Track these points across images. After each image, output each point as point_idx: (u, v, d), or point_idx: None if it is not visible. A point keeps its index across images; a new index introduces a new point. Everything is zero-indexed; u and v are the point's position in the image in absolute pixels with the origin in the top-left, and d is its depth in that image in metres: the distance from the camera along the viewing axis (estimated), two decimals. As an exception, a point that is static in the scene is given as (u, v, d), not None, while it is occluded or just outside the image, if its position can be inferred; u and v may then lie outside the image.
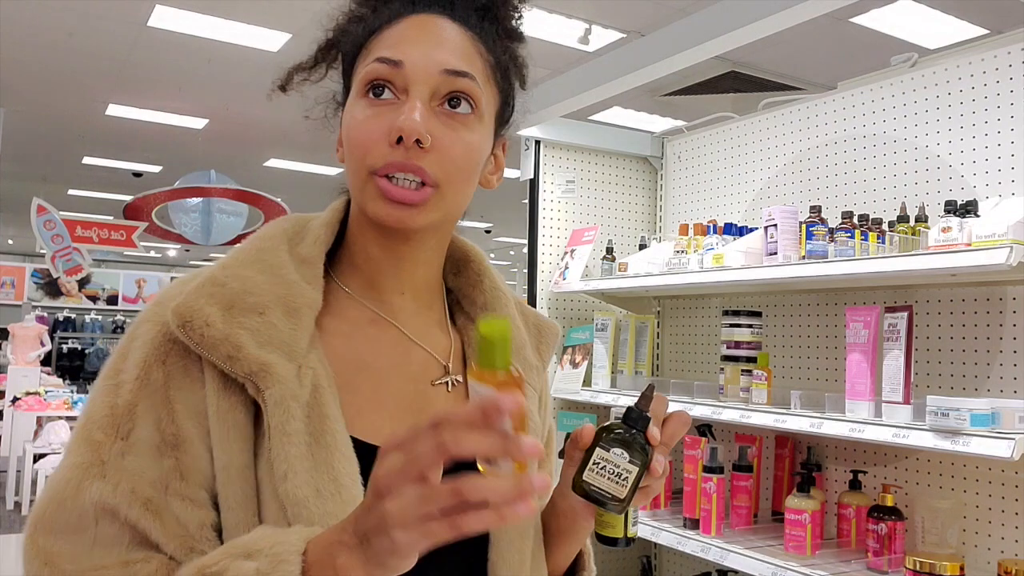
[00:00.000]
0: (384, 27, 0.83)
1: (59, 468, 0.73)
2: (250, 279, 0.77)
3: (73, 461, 0.72)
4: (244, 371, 0.73)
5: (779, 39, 2.03)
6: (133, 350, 0.76)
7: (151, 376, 0.74)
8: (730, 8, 1.97)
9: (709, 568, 2.37)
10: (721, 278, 2.20)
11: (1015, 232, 1.59)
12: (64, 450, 0.75)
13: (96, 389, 0.76)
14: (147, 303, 0.81)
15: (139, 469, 0.72)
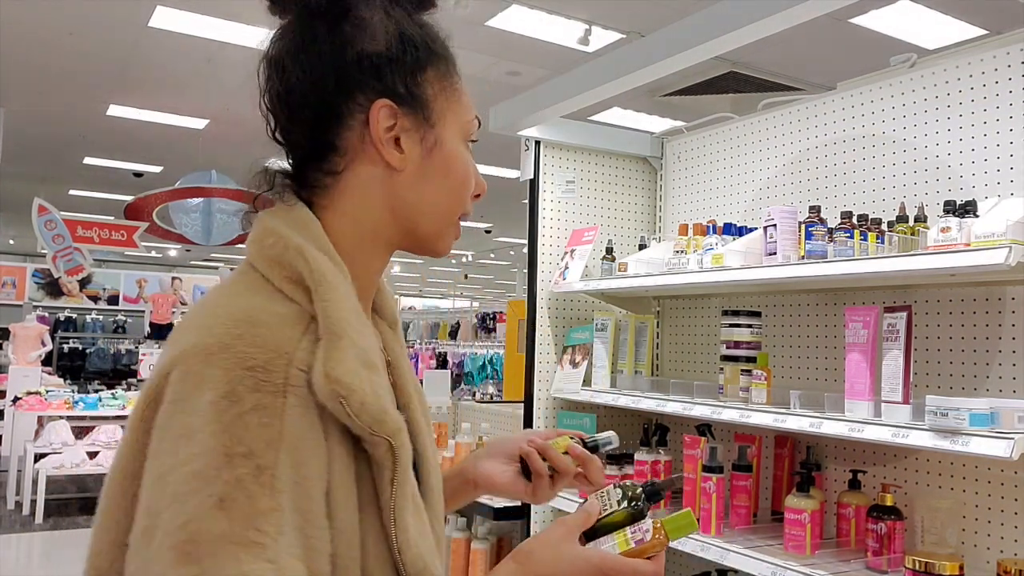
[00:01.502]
0: (458, 77, 0.89)
1: (224, 563, 0.62)
2: (362, 332, 0.74)
3: (239, 567, 0.62)
4: (387, 432, 0.71)
5: (779, 39, 2.03)
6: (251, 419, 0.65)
7: (285, 454, 0.66)
8: (730, 8, 1.97)
9: (708, 567, 2.37)
10: (720, 278, 2.20)
11: (1014, 232, 1.60)
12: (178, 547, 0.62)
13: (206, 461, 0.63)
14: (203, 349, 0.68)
15: (296, 560, 0.66)
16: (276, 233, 0.78)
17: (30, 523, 6.53)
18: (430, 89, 0.84)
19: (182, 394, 0.67)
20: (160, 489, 0.64)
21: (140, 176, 11.00)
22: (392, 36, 0.80)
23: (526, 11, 5.40)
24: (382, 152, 0.81)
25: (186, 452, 0.64)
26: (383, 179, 0.82)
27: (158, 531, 0.63)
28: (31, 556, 5.93)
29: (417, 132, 0.83)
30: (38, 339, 10.25)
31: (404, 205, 0.83)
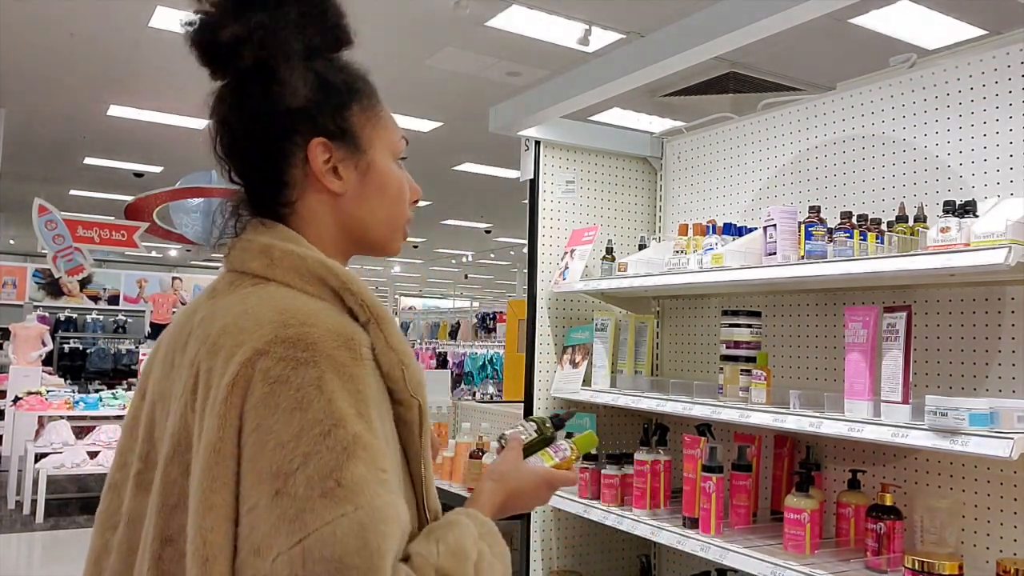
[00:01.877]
0: (378, 100, 1.03)
1: (372, 507, 0.76)
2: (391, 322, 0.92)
3: (383, 499, 0.78)
4: (421, 395, 0.90)
5: (779, 39, 2.03)
6: (358, 385, 0.82)
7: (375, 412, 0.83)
8: (730, 8, 1.97)
9: (708, 567, 2.37)
10: (720, 278, 2.20)
11: (1014, 232, 1.60)
12: (337, 490, 0.75)
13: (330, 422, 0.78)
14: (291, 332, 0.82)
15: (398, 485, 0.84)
16: (282, 248, 0.91)
17: (30, 523, 6.53)
18: (356, 121, 0.98)
19: (281, 375, 0.78)
20: (287, 454, 0.75)
21: (140, 176, 11.00)
22: (314, 86, 0.94)
23: (526, 11, 5.40)
24: (324, 182, 0.95)
25: (306, 419, 0.76)
26: (330, 203, 0.97)
27: (298, 487, 0.74)
28: (31, 556, 5.93)
29: (351, 160, 0.97)
30: (38, 339, 10.25)
31: (352, 221, 0.99)
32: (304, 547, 0.72)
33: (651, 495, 2.44)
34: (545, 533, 2.80)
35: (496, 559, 0.91)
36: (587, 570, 2.89)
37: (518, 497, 1.06)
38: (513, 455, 1.10)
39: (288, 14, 0.93)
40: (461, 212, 13.81)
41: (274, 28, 0.91)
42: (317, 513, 0.73)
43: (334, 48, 1.01)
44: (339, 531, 0.72)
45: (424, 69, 6.57)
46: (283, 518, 0.73)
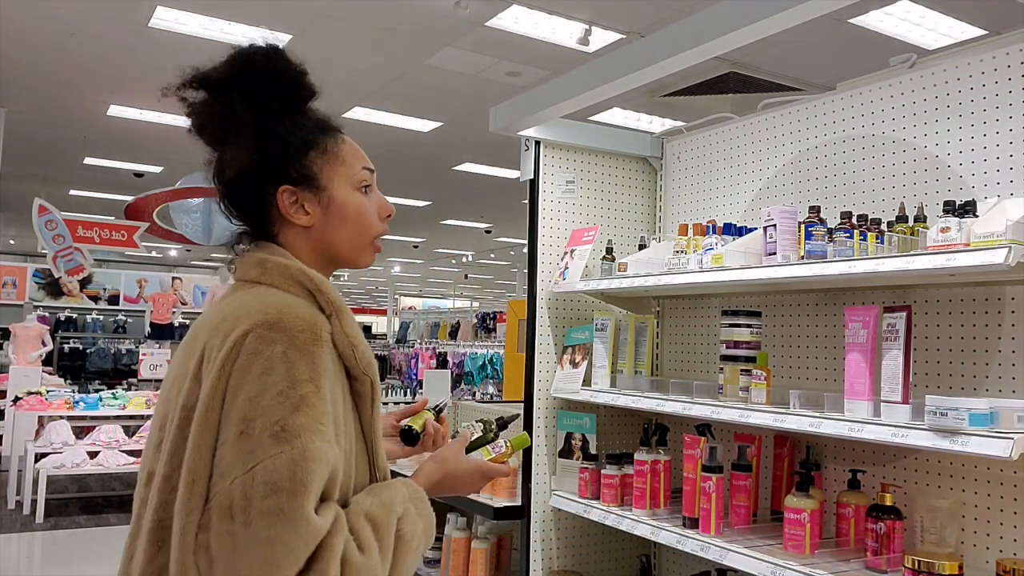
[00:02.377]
0: (340, 140, 1.25)
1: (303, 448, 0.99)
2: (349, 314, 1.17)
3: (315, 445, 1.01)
4: (372, 373, 1.14)
5: (779, 40, 2.03)
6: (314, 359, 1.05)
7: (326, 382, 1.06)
8: (730, 8, 1.97)
9: (708, 567, 2.38)
10: (720, 278, 2.20)
11: (1014, 232, 1.60)
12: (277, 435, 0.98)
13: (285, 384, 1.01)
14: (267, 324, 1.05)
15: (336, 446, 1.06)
16: (273, 260, 1.17)
17: (30, 523, 6.53)
18: (315, 165, 1.21)
19: (257, 349, 1.03)
20: (252, 405, 1.00)
21: (140, 176, 11.00)
22: (274, 146, 1.18)
23: (526, 11, 5.40)
24: (291, 218, 1.21)
25: (269, 381, 1.01)
26: (303, 233, 1.22)
27: (255, 429, 0.98)
28: (31, 556, 5.93)
29: (314, 197, 1.21)
30: (38, 339, 10.25)
31: (322, 244, 1.23)
32: (253, 473, 0.97)
33: (651, 495, 2.44)
34: (545, 533, 2.80)
35: (419, 517, 1.15)
36: (587, 570, 2.89)
37: (454, 479, 1.30)
38: (457, 446, 1.35)
39: (233, 99, 1.18)
40: (461, 212, 13.81)
41: (221, 113, 1.18)
42: (265, 449, 0.98)
43: (299, 105, 1.24)
44: (277, 463, 0.97)
45: (424, 69, 6.57)
46: (242, 451, 0.98)
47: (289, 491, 0.96)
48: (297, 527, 0.96)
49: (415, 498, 1.17)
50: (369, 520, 1.06)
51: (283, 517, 0.95)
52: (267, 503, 0.95)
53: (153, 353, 9.95)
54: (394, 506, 1.11)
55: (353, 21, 5.63)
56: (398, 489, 1.15)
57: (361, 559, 1.02)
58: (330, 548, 0.98)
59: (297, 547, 0.96)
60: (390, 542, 1.08)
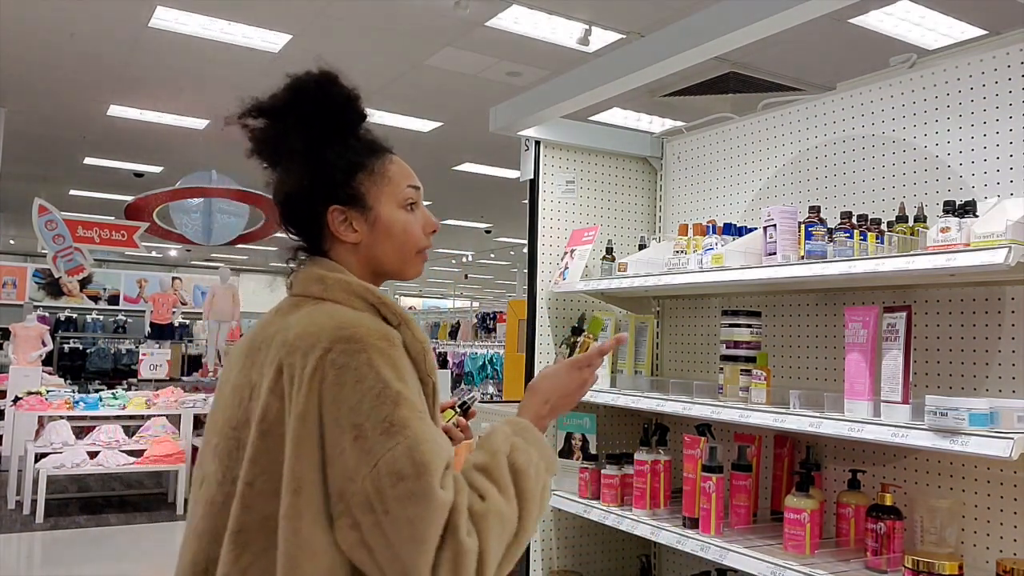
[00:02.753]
0: (388, 161, 1.32)
1: (417, 435, 1.09)
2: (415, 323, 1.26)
3: (425, 430, 1.11)
4: (435, 377, 1.23)
5: (779, 39, 2.03)
6: (397, 362, 1.15)
7: (411, 379, 1.17)
8: (730, 8, 1.97)
9: (708, 567, 2.38)
10: (720, 278, 2.20)
11: (1014, 232, 1.60)
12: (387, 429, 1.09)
13: (382, 386, 1.11)
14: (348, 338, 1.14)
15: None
16: (332, 276, 1.25)
17: (30, 523, 6.53)
18: (363, 186, 1.29)
19: (344, 363, 1.12)
20: (357, 412, 1.09)
21: (140, 176, 11.00)
22: (322, 169, 1.27)
23: (526, 11, 5.40)
24: (340, 236, 1.29)
25: (363, 388, 1.10)
26: (352, 249, 1.30)
27: (367, 432, 1.08)
28: (31, 556, 5.93)
29: (362, 216, 1.29)
30: (38, 339, 10.24)
31: (369, 259, 1.31)
32: (377, 469, 1.07)
33: (651, 495, 2.44)
34: (545, 533, 2.80)
35: (529, 445, 1.23)
36: (587, 570, 2.89)
37: (553, 391, 1.35)
38: (544, 370, 1.40)
39: (287, 125, 1.27)
40: (461, 212, 13.81)
41: (275, 138, 1.28)
42: (381, 446, 1.08)
43: (350, 128, 1.31)
44: (396, 454, 1.07)
45: (424, 69, 6.57)
46: (362, 454, 1.08)
47: (413, 475, 1.06)
48: (429, 503, 1.06)
49: (519, 431, 1.26)
50: (480, 470, 1.18)
51: (414, 498, 1.06)
52: (397, 490, 1.06)
53: (153, 353, 9.94)
54: (498, 447, 1.21)
55: (353, 21, 5.62)
56: (499, 431, 1.26)
57: (483, 505, 1.13)
58: (457, 507, 1.09)
59: (434, 519, 1.07)
60: (507, 478, 1.18)
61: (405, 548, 1.06)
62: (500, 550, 1.14)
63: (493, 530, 1.12)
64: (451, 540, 1.07)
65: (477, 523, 1.11)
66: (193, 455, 7.53)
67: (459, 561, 1.07)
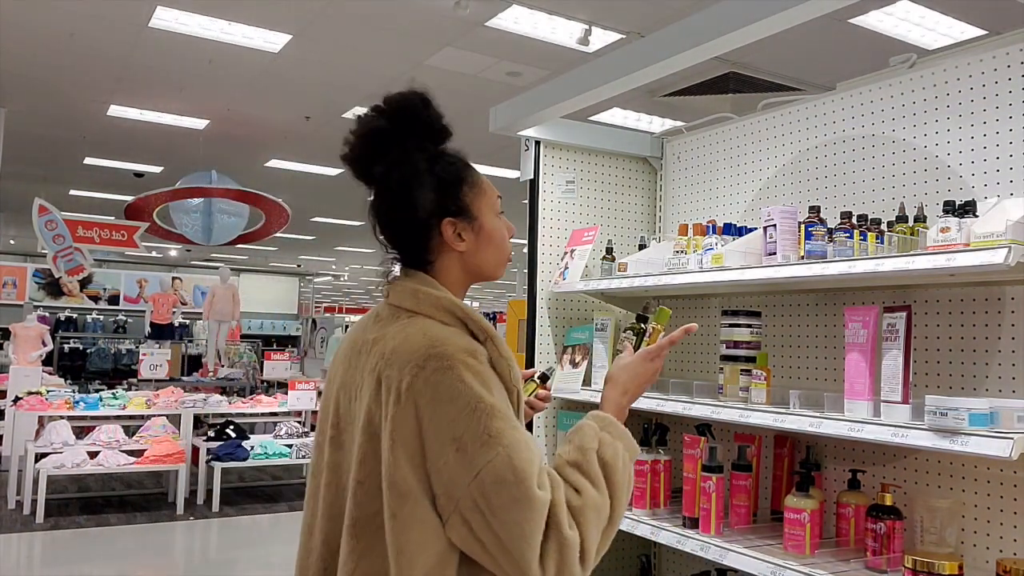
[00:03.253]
0: (476, 172, 1.42)
1: (511, 445, 1.19)
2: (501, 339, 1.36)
3: (517, 439, 1.21)
4: (519, 386, 1.32)
5: (779, 40, 2.03)
6: (484, 376, 1.25)
7: (497, 390, 1.26)
8: (730, 8, 1.97)
9: (708, 567, 2.37)
10: (720, 278, 2.20)
11: (1014, 232, 1.60)
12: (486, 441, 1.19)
13: (473, 400, 1.21)
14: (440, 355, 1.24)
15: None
16: (424, 291, 1.34)
17: (30, 523, 6.53)
18: (467, 198, 1.38)
19: (438, 380, 1.21)
20: (455, 427, 1.19)
21: (140, 176, 11.00)
22: (438, 186, 1.36)
23: (526, 11, 5.40)
24: (453, 246, 1.38)
25: (459, 404, 1.20)
26: (458, 257, 1.39)
27: (467, 445, 1.18)
28: (31, 556, 5.94)
29: (469, 226, 1.38)
30: (39, 339, 10.25)
31: (473, 265, 1.41)
32: (480, 478, 1.17)
33: (651, 495, 2.44)
34: (545, 533, 2.80)
35: (616, 439, 1.33)
36: (587, 570, 2.89)
37: (631, 382, 1.44)
38: (619, 362, 1.47)
39: (410, 144, 1.35)
40: (461, 212, 13.79)
41: (405, 160, 1.35)
42: (482, 456, 1.18)
43: (441, 143, 1.40)
44: (496, 463, 1.17)
45: (424, 69, 6.57)
46: (464, 464, 1.18)
47: (514, 482, 1.17)
48: (532, 505, 1.18)
49: (605, 426, 1.35)
50: (573, 466, 1.28)
51: (518, 503, 1.17)
52: (502, 497, 1.17)
53: (153, 353, 9.94)
54: (587, 444, 1.31)
55: (353, 21, 5.63)
56: (587, 427, 1.35)
57: (580, 500, 1.25)
58: (557, 504, 1.21)
59: (537, 519, 1.18)
60: (598, 472, 1.29)
61: (514, 544, 1.18)
62: (598, 537, 1.29)
63: (591, 521, 1.26)
64: (555, 534, 1.20)
65: (576, 516, 1.24)
66: (193, 455, 7.54)
67: (564, 552, 1.21)
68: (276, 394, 9.50)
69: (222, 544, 6.69)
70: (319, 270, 23.97)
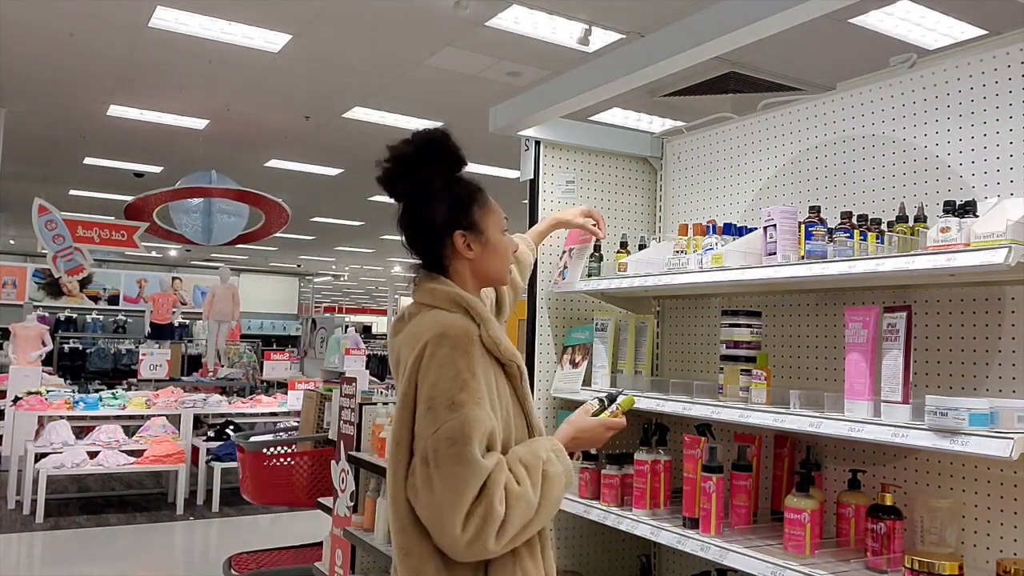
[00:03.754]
0: (487, 196, 1.71)
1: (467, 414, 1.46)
2: (493, 319, 1.64)
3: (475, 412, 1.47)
4: (516, 360, 1.62)
5: (779, 39, 2.03)
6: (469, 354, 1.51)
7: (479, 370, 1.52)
8: (730, 8, 1.97)
9: (708, 567, 2.37)
10: (720, 278, 2.20)
11: (1014, 232, 1.60)
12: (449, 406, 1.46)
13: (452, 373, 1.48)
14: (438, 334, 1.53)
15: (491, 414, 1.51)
16: (440, 289, 1.63)
17: (30, 523, 6.53)
18: (477, 215, 1.67)
19: (433, 352, 1.50)
20: (433, 389, 1.48)
21: (140, 176, 11.00)
22: (453, 203, 1.65)
23: (526, 11, 5.40)
24: (463, 255, 1.67)
25: (443, 372, 1.48)
26: (467, 263, 1.68)
27: (437, 405, 1.46)
28: (31, 556, 5.93)
29: (477, 238, 1.67)
30: (38, 339, 10.24)
31: (479, 271, 1.70)
32: (438, 433, 1.44)
33: (651, 495, 2.44)
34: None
35: (559, 461, 1.59)
36: (587, 570, 2.89)
37: (584, 431, 1.75)
38: (581, 411, 1.79)
39: (431, 168, 1.64)
40: (461, 212, 13.78)
41: (426, 180, 1.64)
42: (443, 416, 1.45)
43: (458, 170, 1.68)
44: (452, 424, 1.44)
45: (424, 69, 6.57)
46: (430, 420, 1.46)
47: (461, 442, 1.42)
48: (470, 464, 1.42)
49: (555, 449, 1.61)
50: (522, 463, 1.52)
51: (460, 458, 1.42)
52: (450, 451, 1.42)
53: (153, 353, 9.94)
54: (539, 453, 1.56)
55: (353, 21, 5.62)
56: (543, 441, 1.61)
57: (519, 489, 1.48)
58: (495, 481, 1.44)
59: (472, 478, 1.42)
60: (538, 478, 1.52)
61: (447, 496, 1.41)
62: (518, 527, 1.48)
63: (519, 510, 1.47)
64: (486, 501, 1.42)
65: (509, 499, 1.45)
66: (193, 455, 7.54)
67: (487, 520, 1.42)
68: (276, 394, 9.50)
69: (222, 544, 6.68)
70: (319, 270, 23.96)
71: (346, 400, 3.68)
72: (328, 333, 14.35)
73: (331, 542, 3.69)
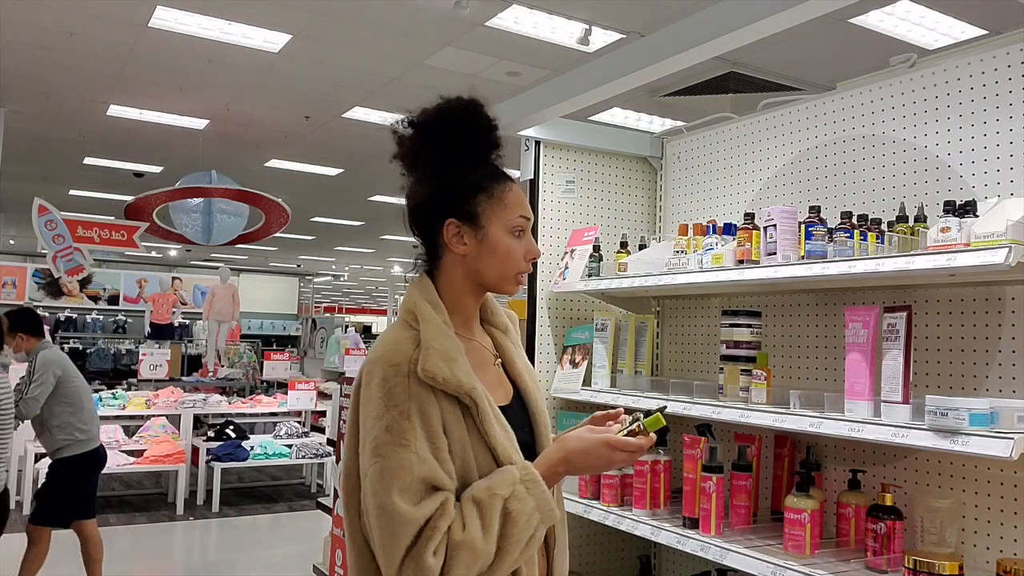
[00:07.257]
0: (507, 189, 1.46)
1: (388, 459, 1.29)
2: (443, 342, 1.37)
3: (399, 455, 1.29)
4: (463, 391, 1.34)
5: (779, 39, 2.04)
6: (395, 390, 1.32)
7: (414, 406, 1.32)
8: (730, 8, 1.97)
9: (708, 567, 2.37)
10: (720, 278, 2.20)
11: (1014, 232, 1.60)
12: (373, 450, 1.30)
13: (379, 411, 1.31)
14: (373, 360, 1.35)
15: (428, 454, 1.30)
16: (407, 296, 1.45)
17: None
18: (479, 206, 1.43)
19: (367, 381, 1.35)
20: (365, 428, 1.33)
21: (140, 176, 10.99)
22: (447, 185, 1.43)
23: (526, 11, 5.40)
24: (452, 248, 1.44)
25: (369, 408, 1.33)
26: (459, 259, 1.45)
27: (366, 447, 1.32)
28: (31, 556, 5.92)
29: (472, 231, 1.43)
30: (38, 339, 10.22)
31: (472, 271, 1.45)
32: (368, 477, 1.30)
33: (651, 495, 2.44)
34: (545, 533, 2.79)
35: (530, 495, 1.31)
36: (587, 570, 2.89)
37: (576, 452, 1.39)
38: (581, 429, 1.46)
39: (425, 141, 1.44)
40: (461, 212, 13.78)
41: (414, 151, 1.44)
42: (368, 461, 1.31)
43: (482, 154, 1.47)
44: (372, 472, 1.30)
45: (424, 69, 6.57)
46: (364, 462, 1.32)
47: (381, 492, 1.28)
48: (391, 516, 1.26)
49: (526, 479, 1.33)
50: (474, 503, 1.29)
51: (382, 509, 1.27)
52: (375, 500, 1.29)
53: (153, 353, 9.94)
54: (498, 489, 1.30)
55: (353, 21, 5.62)
56: (507, 473, 1.33)
57: (462, 535, 1.26)
58: (434, 527, 1.25)
59: (398, 531, 1.26)
60: (494, 518, 1.28)
61: (379, 547, 1.28)
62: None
63: (461, 560, 1.25)
64: (417, 553, 1.24)
65: (450, 549, 1.25)
66: (193, 455, 7.53)
67: (418, 574, 1.24)
68: (276, 394, 9.50)
69: (222, 544, 6.68)
70: (319, 270, 23.96)
71: (346, 400, 3.68)
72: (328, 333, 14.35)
73: (331, 542, 3.69)
